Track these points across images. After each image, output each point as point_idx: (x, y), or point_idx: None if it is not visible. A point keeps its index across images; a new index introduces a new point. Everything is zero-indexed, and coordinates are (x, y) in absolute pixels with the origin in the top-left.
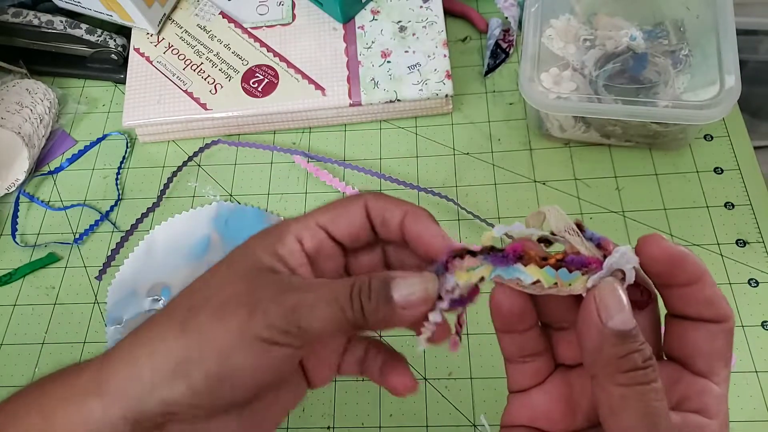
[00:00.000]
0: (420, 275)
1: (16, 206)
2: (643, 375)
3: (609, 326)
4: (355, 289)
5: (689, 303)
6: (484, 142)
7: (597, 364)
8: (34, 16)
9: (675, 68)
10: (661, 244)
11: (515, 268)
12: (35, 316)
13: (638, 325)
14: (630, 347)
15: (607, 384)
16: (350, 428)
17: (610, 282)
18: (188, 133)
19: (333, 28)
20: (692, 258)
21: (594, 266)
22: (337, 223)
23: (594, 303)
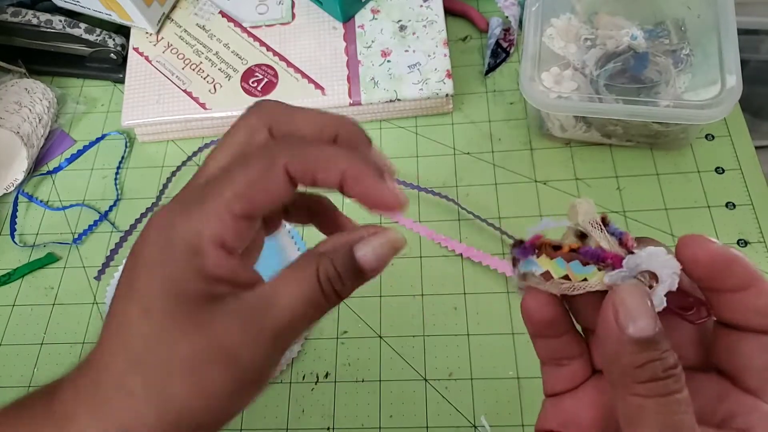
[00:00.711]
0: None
1: (15, 206)
2: (663, 386)
3: (628, 333)
4: (323, 280)
5: (739, 311)
6: (484, 142)
7: (614, 371)
8: (33, 16)
9: (676, 68)
10: (706, 246)
11: (530, 260)
12: (34, 316)
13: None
14: (649, 356)
15: (625, 393)
16: (350, 429)
17: (633, 284)
18: (187, 132)
19: (333, 27)
20: (742, 261)
21: (611, 262)
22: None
23: (612, 307)
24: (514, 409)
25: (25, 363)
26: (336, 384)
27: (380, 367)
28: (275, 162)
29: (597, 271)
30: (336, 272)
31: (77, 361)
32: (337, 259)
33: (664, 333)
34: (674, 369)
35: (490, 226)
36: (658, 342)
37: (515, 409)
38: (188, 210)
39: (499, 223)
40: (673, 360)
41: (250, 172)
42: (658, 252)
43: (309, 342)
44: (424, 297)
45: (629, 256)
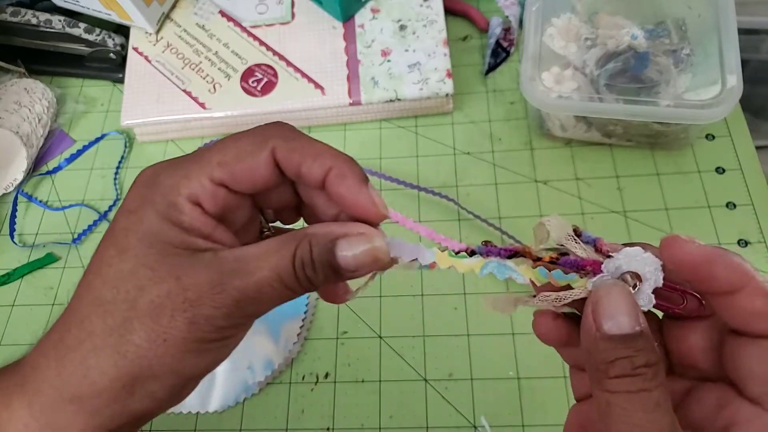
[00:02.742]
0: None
1: (15, 206)
2: (631, 383)
3: (602, 330)
4: (297, 261)
5: (735, 314)
6: (484, 142)
7: (590, 367)
8: (33, 15)
9: (676, 67)
10: (684, 248)
11: (507, 266)
12: (34, 316)
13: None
14: (621, 352)
15: (597, 389)
16: (350, 429)
17: (610, 283)
18: (187, 132)
19: (333, 27)
20: (726, 261)
21: (590, 268)
22: (238, 178)
23: (591, 305)
24: (514, 409)
25: None
26: (336, 384)
27: (380, 367)
28: (265, 143)
29: (579, 278)
30: (311, 260)
31: None
32: (315, 247)
33: (644, 332)
34: (647, 367)
35: (490, 226)
36: (632, 339)
37: (515, 410)
38: (173, 168)
39: (499, 223)
40: (646, 359)
41: (239, 145)
42: (635, 252)
43: (309, 342)
44: (424, 297)
45: (607, 260)
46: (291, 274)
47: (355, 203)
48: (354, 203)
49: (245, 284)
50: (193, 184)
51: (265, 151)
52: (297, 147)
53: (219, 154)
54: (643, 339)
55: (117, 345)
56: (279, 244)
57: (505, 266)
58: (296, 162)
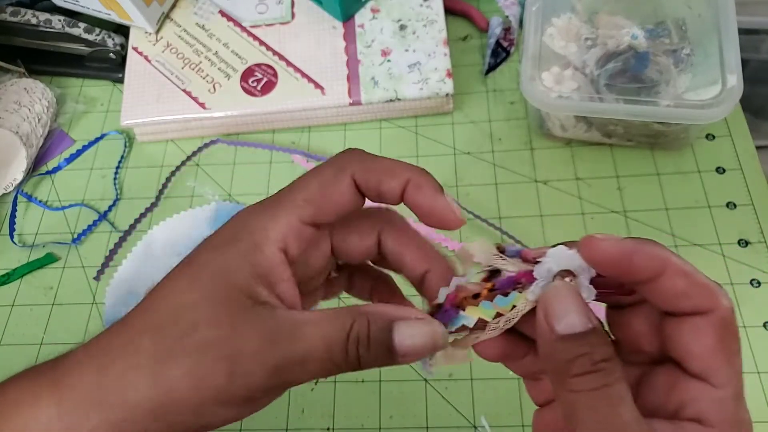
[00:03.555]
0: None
1: (14, 206)
2: (593, 379)
3: (556, 331)
4: (353, 336)
5: (664, 298)
6: (484, 142)
7: (551, 371)
8: (33, 15)
9: (677, 67)
10: (601, 246)
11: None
12: (33, 316)
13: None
14: (578, 350)
15: (561, 391)
16: (350, 429)
17: (554, 286)
18: (187, 132)
19: (332, 27)
20: (643, 250)
21: (524, 280)
22: (323, 209)
23: (542, 310)
24: (514, 409)
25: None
26: (336, 384)
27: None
28: (344, 171)
29: (519, 294)
30: (367, 337)
31: None
32: (374, 324)
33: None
34: (605, 362)
35: (490, 226)
36: (586, 336)
37: (515, 410)
38: (263, 209)
39: (500, 223)
40: (602, 354)
41: (320, 179)
42: (560, 251)
43: None
44: None
45: (537, 266)
46: (342, 349)
47: (433, 210)
48: (431, 211)
49: (293, 349)
50: (280, 226)
51: (345, 177)
52: (373, 167)
53: (303, 190)
54: (596, 335)
55: (157, 371)
56: (336, 315)
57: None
58: (375, 181)
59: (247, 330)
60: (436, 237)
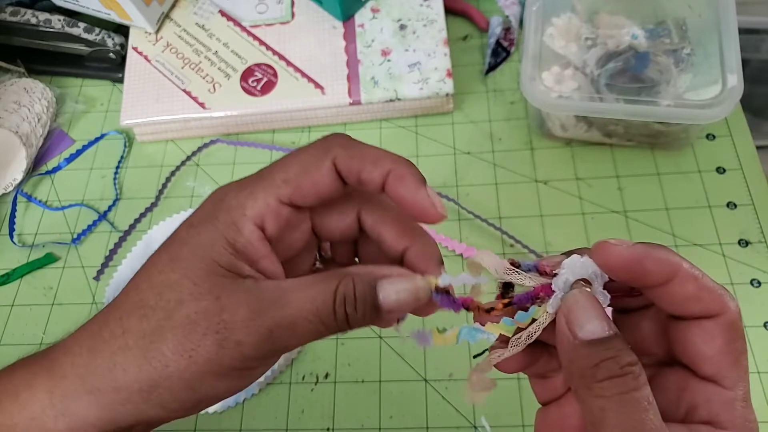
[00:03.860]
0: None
1: (14, 206)
2: (622, 383)
3: (579, 337)
4: (339, 297)
5: (674, 302)
6: (484, 142)
7: (574, 377)
8: (32, 15)
9: (677, 67)
10: (613, 251)
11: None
12: (33, 316)
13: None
14: (603, 355)
15: (587, 397)
16: (350, 429)
17: (573, 294)
18: (187, 132)
19: (333, 27)
20: (655, 255)
21: (543, 294)
22: (302, 191)
23: (563, 318)
24: (514, 409)
25: None
26: (336, 384)
27: (380, 367)
28: (326, 154)
29: (539, 308)
30: (353, 297)
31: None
32: (359, 284)
33: (618, 333)
34: (631, 366)
35: (490, 226)
36: (611, 341)
37: (515, 410)
38: (240, 187)
39: (500, 223)
40: (628, 358)
41: (301, 159)
42: (574, 261)
43: None
44: None
45: (554, 279)
46: (330, 310)
47: (414, 203)
48: (413, 203)
49: (282, 315)
50: (258, 204)
51: (326, 161)
52: (356, 154)
53: (282, 171)
54: (618, 340)
55: (145, 349)
56: (320, 279)
57: (475, 330)
58: (356, 168)
59: (233, 301)
60: (437, 237)
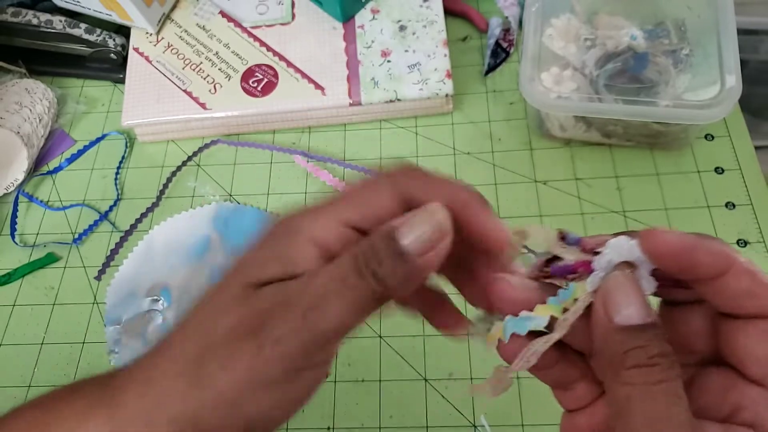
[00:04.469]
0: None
1: (15, 206)
2: (649, 373)
3: (615, 322)
4: (361, 259)
5: (726, 297)
6: (484, 142)
7: (604, 362)
8: (34, 16)
9: (676, 68)
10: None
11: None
12: (34, 316)
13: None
14: (634, 342)
15: (614, 384)
16: (350, 429)
17: (615, 276)
18: (187, 132)
19: (333, 28)
20: (707, 246)
21: (582, 270)
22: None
23: (600, 300)
24: (513, 408)
25: (25, 363)
26: (336, 384)
27: (380, 367)
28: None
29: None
30: (373, 251)
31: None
32: (376, 236)
33: (656, 323)
34: (661, 357)
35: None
36: (645, 329)
37: (515, 409)
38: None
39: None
40: (659, 349)
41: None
42: (621, 241)
43: None
44: None
45: (596, 257)
46: (355, 273)
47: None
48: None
49: (309, 293)
50: (317, 225)
51: (388, 190)
52: (420, 176)
53: (347, 196)
54: (654, 329)
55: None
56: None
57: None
58: (420, 194)
59: (265, 304)
60: None
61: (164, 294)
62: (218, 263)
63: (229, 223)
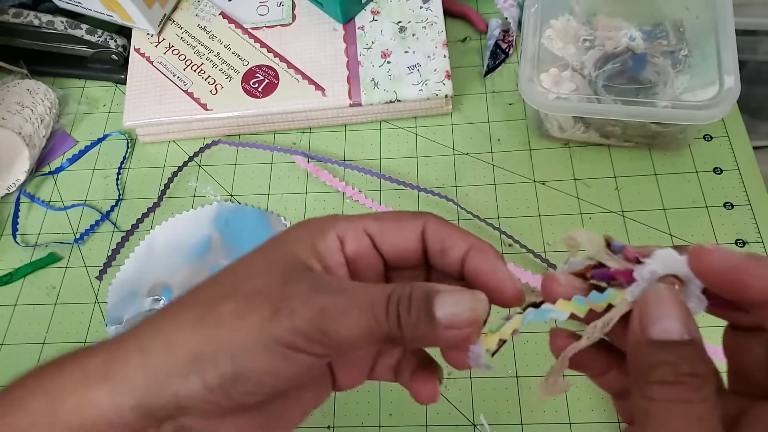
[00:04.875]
0: (469, 292)
1: (17, 206)
2: (672, 391)
3: (647, 334)
4: (393, 297)
5: None
6: (483, 143)
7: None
8: (35, 17)
9: (674, 68)
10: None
11: (545, 309)
12: (36, 315)
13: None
14: (662, 357)
15: (637, 396)
16: (350, 428)
17: (658, 289)
18: (189, 133)
19: (333, 29)
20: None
21: (622, 278)
22: (386, 235)
23: (637, 311)
24: (513, 407)
25: (27, 362)
26: None
27: None
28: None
29: (616, 292)
30: (408, 298)
31: None
32: (416, 289)
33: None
34: (690, 377)
35: (489, 226)
36: (678, 346)
37: (514, 408)
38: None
39: (498, 223)
40: (691, 368)
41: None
42: (668, 254)
43: None
44: None
45: (638, 267)
46: (383, 306)
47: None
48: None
49: (337, 298)
50: (345, 226)
51: (416, 222)
52: (445, 225)
53: (373, 216)
54: (691, 347)
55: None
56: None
57: (543, 310)
58: (443, 236)
59: (297, 283)
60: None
61: (165, 294)
62: (219, 263)
63: (230, 223)
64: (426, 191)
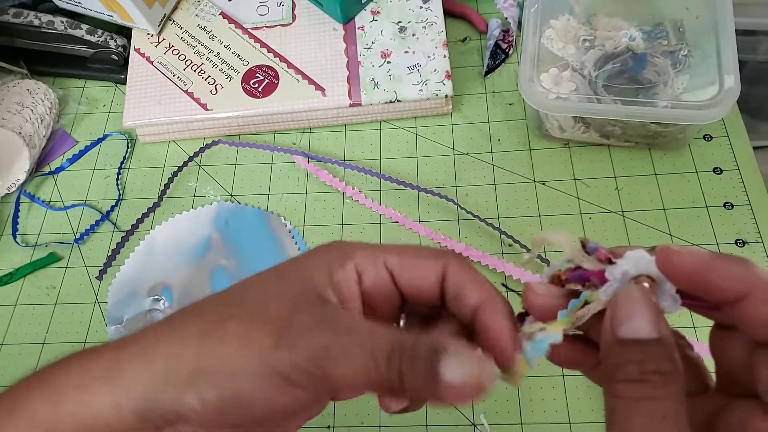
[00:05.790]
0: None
1: (17, 206)
2: (636, 388)
3: (617, 333)
4: (398, 347)
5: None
6: (483, 143)
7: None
8: (35, 17)
9: (674, 68)
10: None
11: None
12: (36, 316)
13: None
14: (628, 356)
15: (605, 394)
16: (350, 428)
17: (629, 288)
18: (189, 133)
19: (333, 29)
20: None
21: (596, 279)
22: (406, 272)
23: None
24: (513, 407)
25: (27, 362)
26: None
27: None
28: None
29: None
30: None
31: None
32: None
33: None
34: (656, 375)
35: (489, 226)
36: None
37: (514, 408)
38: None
39: (498, 223)
40: (657, 366)
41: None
42: (639, 254)
43: None
44: None
45: (609, 267)
46: (385, 354)
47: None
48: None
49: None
50: (365, 257)
51: (438, 264)
52: (467, 270)
53: (394, 250)
54: (659, 345)
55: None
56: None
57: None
58: (462, 282)
59: (305, 313)
60: (436, 237)
61: (165, 293)
62: (219, 263)
63: (230, 223)
64: (426, 191)
